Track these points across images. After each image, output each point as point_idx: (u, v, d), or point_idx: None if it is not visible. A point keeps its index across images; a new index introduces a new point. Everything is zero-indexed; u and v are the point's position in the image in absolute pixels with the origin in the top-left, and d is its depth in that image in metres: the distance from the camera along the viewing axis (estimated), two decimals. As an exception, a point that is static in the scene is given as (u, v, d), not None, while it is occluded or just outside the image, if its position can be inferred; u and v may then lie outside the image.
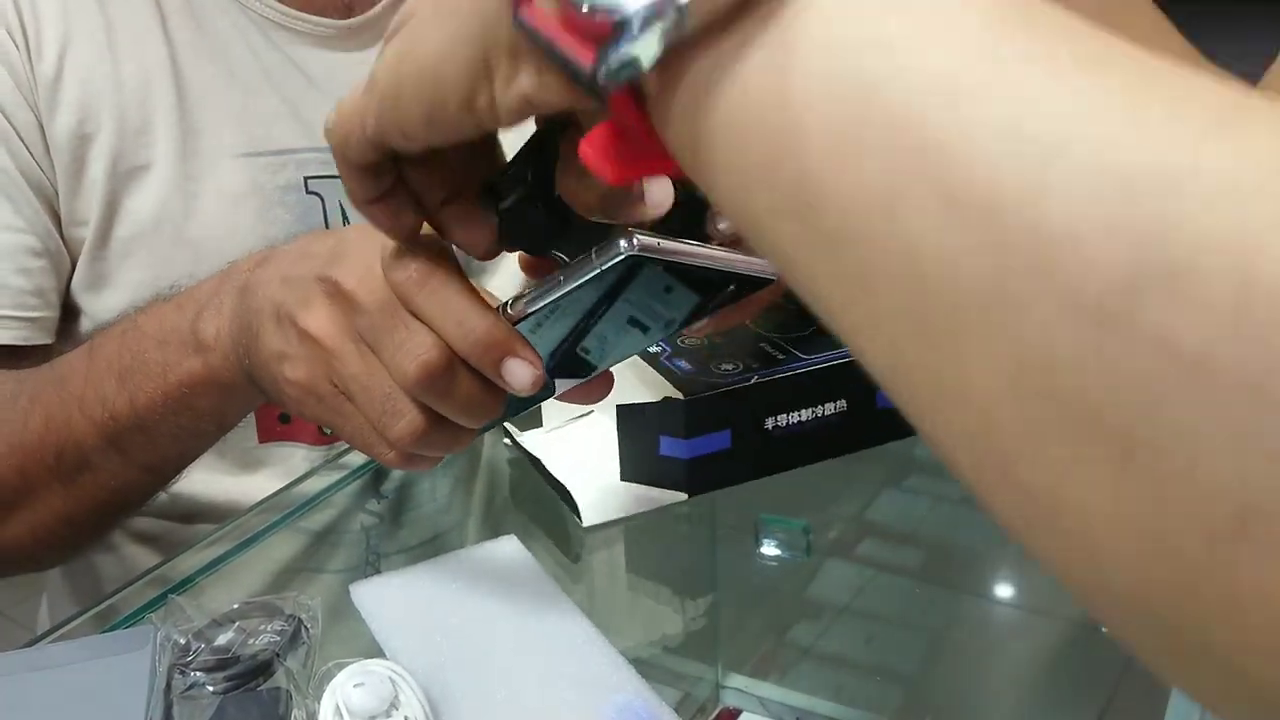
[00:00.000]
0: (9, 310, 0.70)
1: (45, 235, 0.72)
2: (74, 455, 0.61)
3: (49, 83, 0.69)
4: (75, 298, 0.76)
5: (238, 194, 0.74)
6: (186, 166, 0.73)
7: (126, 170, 0.72)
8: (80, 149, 0.71)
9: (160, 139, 0.72)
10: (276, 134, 0.75)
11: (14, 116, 0.69)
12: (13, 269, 0.70)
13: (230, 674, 0.47)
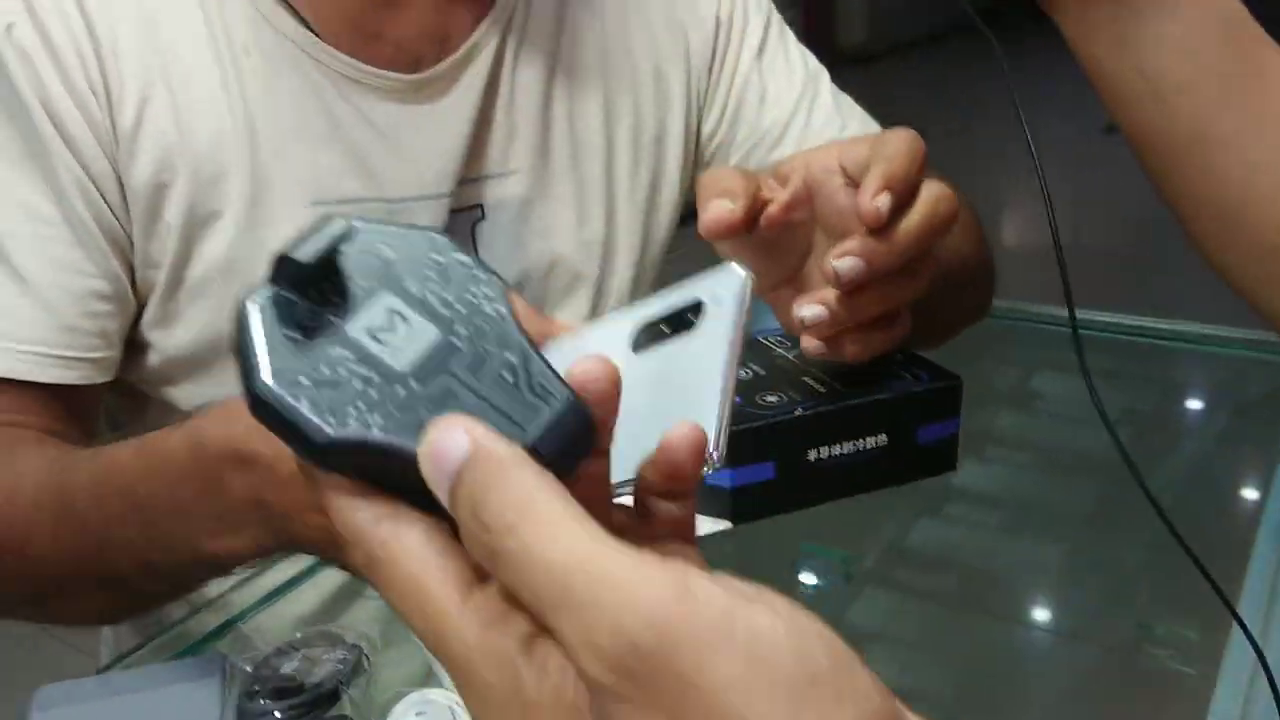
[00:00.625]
0: (75, 352, 0.72)
1: (114, 280, 0.73)
2: (112, 575, 0.61)
3: (128, 134, 0.71)
4: (145, 334, 0.78)
5: None
6: (256, 214, 0.74)
7: (200, 217, 0.74)
8: (157, 197, 0.73)
9: (233, 188, 0.74)
10: (342, 184, 0.76)
11: (91, 167, 0.71)
12: (81, 312, 0.72)
13: (297, 703, 0.48)
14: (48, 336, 0.71)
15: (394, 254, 0.33)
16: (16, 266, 0.70)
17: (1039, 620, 0.86)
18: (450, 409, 0.31)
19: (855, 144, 0.56)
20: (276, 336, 0.31)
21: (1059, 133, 4.40)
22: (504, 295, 0.33)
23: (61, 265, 0.71)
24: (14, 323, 0.70)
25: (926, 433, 0.62)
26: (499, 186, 0.82)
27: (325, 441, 0.29)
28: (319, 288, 0.32)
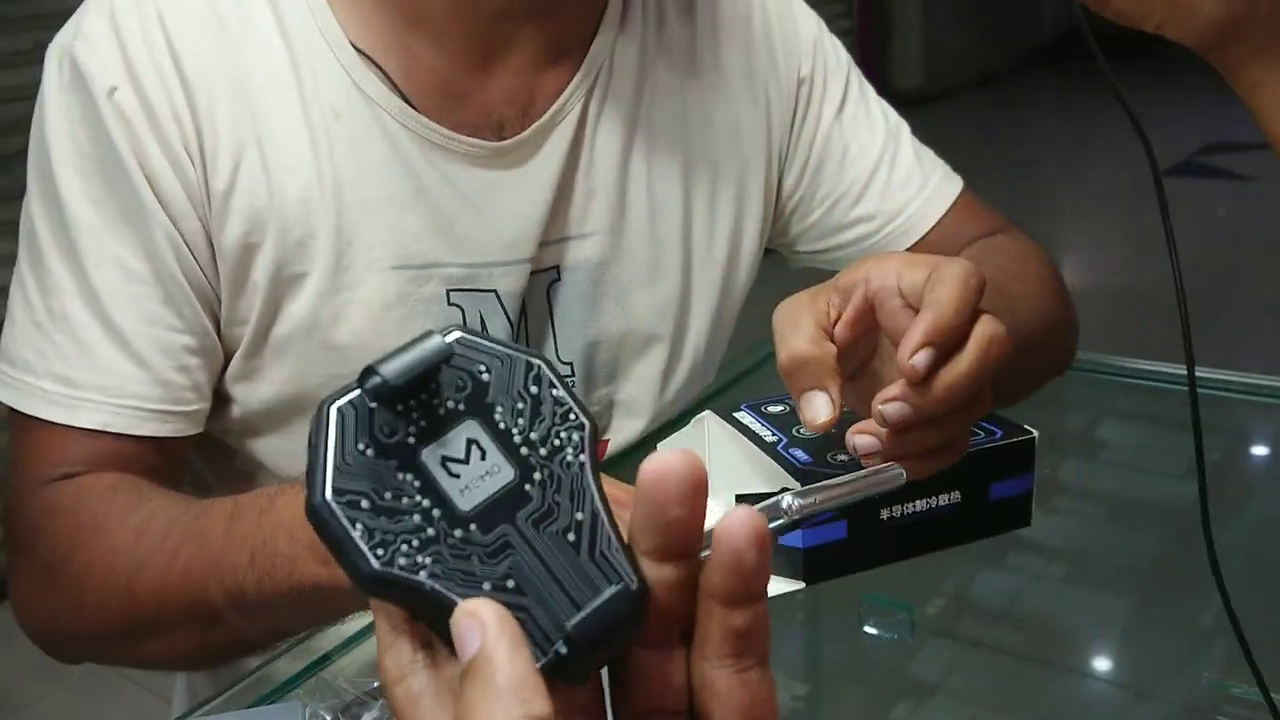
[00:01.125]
0: (168, 405, 0.74)
1: (203, 334, 0.75)
2: (205, 610, 0.64)
3: (221, 196, 0.73)
4: (228, 387, 0.79)
5: (385, 304, 0.76)
6: (340, 277, 0.76)
7: (286, 278, 0.75)
8: (246, 257, 0.74)
9: (319, 251, 0.75)
10: (425, 248, 0.77)
11: (183, 226, 0.73)
12: (174, 367, 0.74)
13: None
14: (144, 391, 0.72)
15: (490, 377, 0.33)
16: (114, 323, 0.72)
17: (1108, 676, 0.85)
18: (504, 564, 0.30)
19: (914, 266, 0.57)
20: (349, 448, 0.30)
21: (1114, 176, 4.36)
22: (592, 442, 0.33)
23: (153, 321, 0.72)
24: (113, 378, 0.72)
25: (1000, 489, 0.62)
26: (576, 249, 0.82)
27: (370, 574, 0.29)
28: (405, 401, 0.31)
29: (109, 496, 0.70)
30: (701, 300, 0.89)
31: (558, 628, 0.30)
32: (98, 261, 0.71)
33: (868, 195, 0.91)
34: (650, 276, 0.85)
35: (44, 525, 0.71)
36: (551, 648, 0.30)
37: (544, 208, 0.79)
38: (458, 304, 0.78)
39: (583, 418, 0.33)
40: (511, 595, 0.30)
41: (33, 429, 0.73)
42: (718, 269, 0.89)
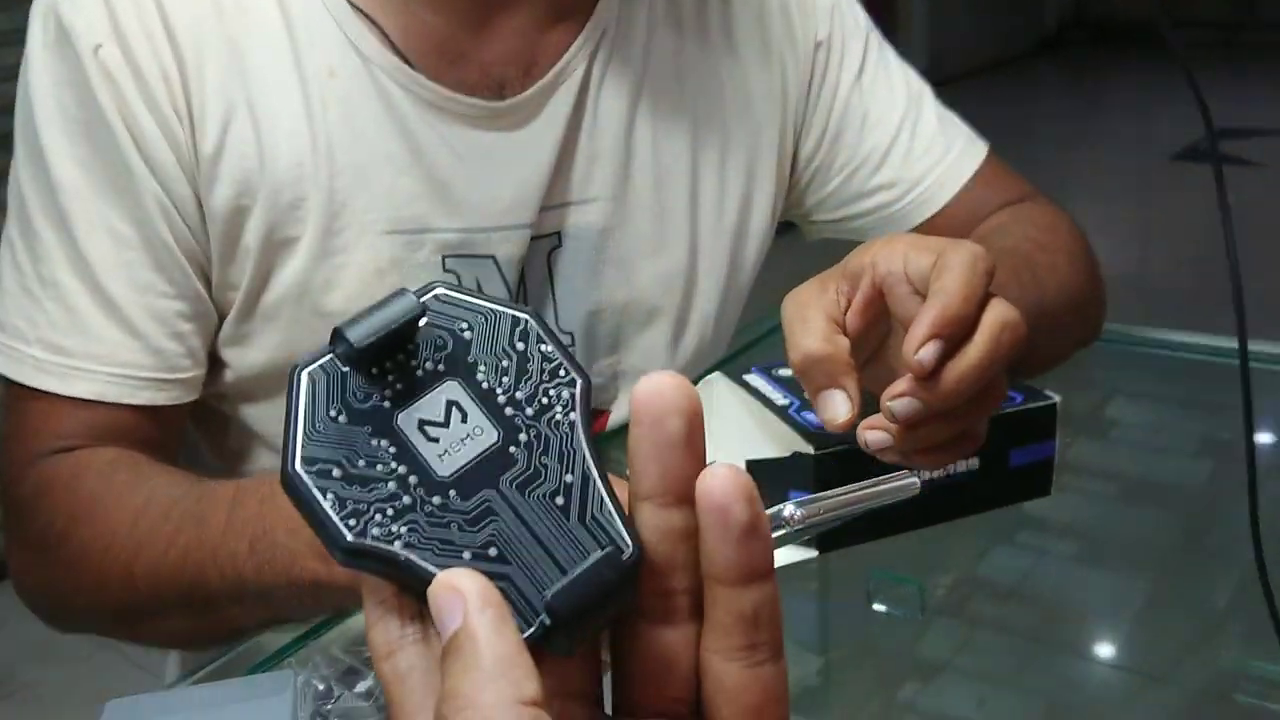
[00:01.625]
0: (163, 373, 0.73)
1: (195, 300, 0.74)
2: (202, 596, 0.63)
3: (210, 158, 0.71)
4: (220, 351, 0.78)
5: (379, 269, 0.75)
6: (331, 241, 0.74)
7: (278, 242, 0.74)
8: (236, 220, 0.73)
9: (310, 214, 0.73)
10: (420, 212, 0.76)
11: (173, 191, 0.71)
12: (166, 334, 0.73)
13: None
14: (138, 359, 0.71)
15: (472, 335, 0.31)
16: (106, 291, 0.70)
17: (1121, 658, 0.83)
18: (486, 531, 0.28)
19: (920, 250, 0.55)
20: (320, 414, 0.29)
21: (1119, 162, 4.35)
22: (584, 400, 0.31)
23: (145, 288, 0.71)
24: (105, 347, 0.70)
25: (1020, 455, 0.60)
26: (578, 214, 0.80)
27: (342, 546, 0.28)
28: (380, 363, 0.29)
29: (107, 473, 0.68)
30: (709, 271, 0.87)
31: (539, 595, 0.28)
32: (87, 228, 0.70)
33: (888, 162, 0.89)
34: (655, 245, 0.83)
35: (40, 500, 0.70)
36: (537, 619, 0.28)
37: (545, 171, 0.77)
38: (454, 270, 0.76)
39: (574, 374, 0.31)
40: (494, 564, 0.28)
41: (26, 399, 0.71)
42: (726, 239, 0.87)
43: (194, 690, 0.54)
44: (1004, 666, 0.83)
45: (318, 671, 0.51)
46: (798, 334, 0.56)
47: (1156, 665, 0.81)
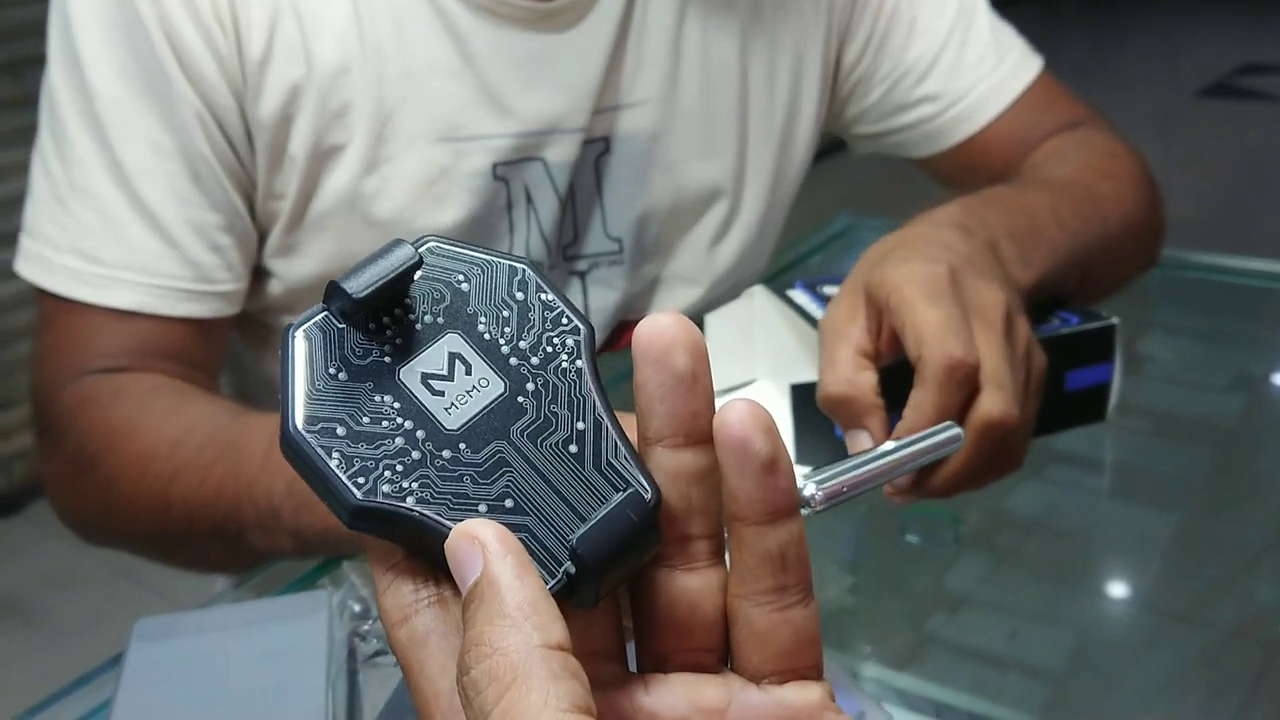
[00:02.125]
0: (202, 285, 0.72)
1: (233, 213, 0.73)
2: (234, 528, 0.62)
3: (256, 65, 0.70)
4: (268, 263, 0.77)
5: (428, 178, 0.74)
6: (380, 150, 0.73)
7: (325, 150, 0.73)
8: (282, 129, 0.72)
9: (357, 121, 0.72)
10: (470, 119, 0.74)
11: (213, 102, 0.70)
12: (204, 245, 0.71)
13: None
14: (176, 270, 0.70)
15: (470, 286, 0.29)
16: (143, 200, 0.69)
17: (1150, 597, 0.83)
18: (500, 483, 0.27)
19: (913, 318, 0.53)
20: (319, 372, 0.27)
21: (1151, 96, 4.28)
22: (589, 347, 0.29)
23: (184, 199, 0.70)
24: (143, 257, 0.69)
25: (1076, 378, 0.59)
26: (627, 118, 0.79)
27: (352, 506, 0.26)
28: (377, 318, 0.28)
29: (148, 399, 0.68)
30: (755, 177, 0.85)
31: (565, 544, 0.27)
32: (125, 136, 0.68)
33: (933, 73, 0.86)
34: (703, 150, 0.82)
35: (77, 417, 0.69)
36: (560, 568, 0.27)
37: (597, 73, 0.75)
38: (504, 178, 0.75)
39: (576, 321, 0.30)
40: (511, 515, 0.27)
41: (64, 312, 0.70)
42: (773, 145, 0.85)
43: (226, 609, 0.54)
44: (1033, 601, 0.83)
45: (353, 592, 0.50)
46: (824, 371, 0.56)
47: (1185, 605, 0.80)
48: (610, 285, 0.83)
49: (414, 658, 0.27)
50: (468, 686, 0.24)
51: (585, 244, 0.81)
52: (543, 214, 0.77)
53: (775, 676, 0.28)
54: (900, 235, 0.60)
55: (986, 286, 0.55)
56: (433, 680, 0.26)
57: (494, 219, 0.77)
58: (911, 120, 0.89)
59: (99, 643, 0.66)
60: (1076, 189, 0.74)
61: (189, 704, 0.46)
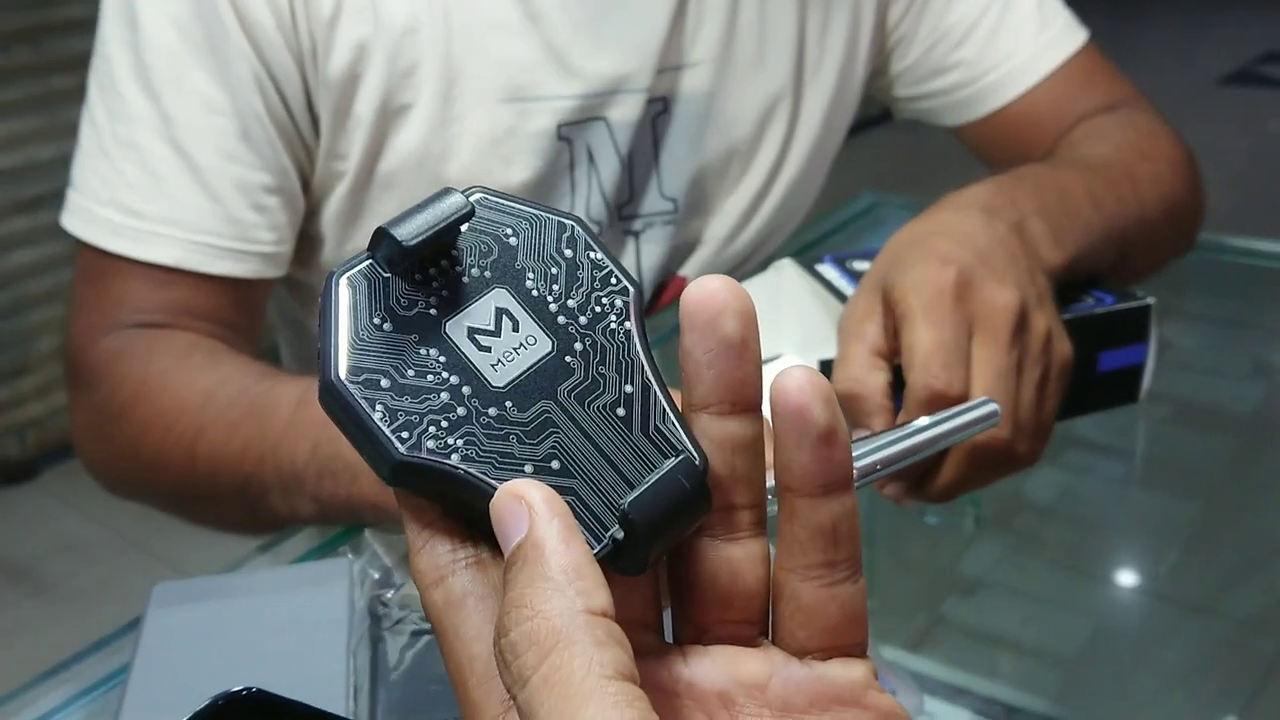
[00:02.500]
0: (243, 244, 0.71)
1: (281, 174, 0.72)
2: (257, 489, 0.62)
3: (325, 24, 0.69)
4: (326, 229, 0.77)
5: (494, 138, 0.74)
6: (448, 109, 0.73)
7: (394, 109, 0.72)
8: (350, 88, 0.71)
9: (426, 80, 0.72)
10: (536, 79, 0.74)
11: (271, 60, 0.69)
12: (248, 204, 0.71)
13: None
14: (218, 227, 0.70)
15: (518, 241, 0.28)
16: (189, 154, 0.69)
17: (1166, 587, 0.82)
18: (547, 443, 0.26)
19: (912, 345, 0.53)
20: (364, 322, 0.26)
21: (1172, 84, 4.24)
22: (638, 308, 0.29)
23: (231, 156, 0.69)
24: (185, 212, 0.69)
25: (1110, 359, 0.58)
26: (687, 78, 0.79)
27: (394, 461, 0.25)
28: (423, 269, 0.27)
29: (182, 354, 0.68)
30: (802, 139, 0.85)
31: (612, 509, 0.26)
32: (176, 89, 0.68)
33: (972, 38, 0.85)
34: (757, 111, 0.82)
35: (110, 367, 0.69)
36: (607, 533, 0.26)
37: (660, 33, 0.75)
38: (567, 138, 0.75)
39: (625, 282, 0.29)
40: (557, 477, 0.26)
41: (102, 265, 0.70)
42: (822, 105, 0.85)
43: (246, 576, 0.54)
44: (1049, 586, 0.82)
45: (375, 560, 0.50)
46: (836, 368, 0.56)
47: (1201, 595, 0.80)
48: (660, 243, 0.83)
49: (449, 620, 0.26)
50: (506, 650, 0.24)
51: (641, 204, 0.81)
52: (604, 174, 0.78)
53: (819, 653, 0.28)
54: (921, 224, 0.59)
55: (998, 288, 0.54)
56: (468, 644, 0.26)
57: (556, 178, 0.77)
58: (945, 85, 0.88)
59: (109, 612, 0.66)
60: (1114, 169, 0.73)
61: (208, 669, 0.46)
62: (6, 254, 2.28)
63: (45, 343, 2.35)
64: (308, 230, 0.77)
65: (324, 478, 0.58)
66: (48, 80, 2.22)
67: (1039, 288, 0.56)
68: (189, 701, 0.36)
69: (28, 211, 2.26)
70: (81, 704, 0.51)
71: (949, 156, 0.96)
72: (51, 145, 2.23)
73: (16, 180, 2.24)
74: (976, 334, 0.53)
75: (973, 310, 0.53)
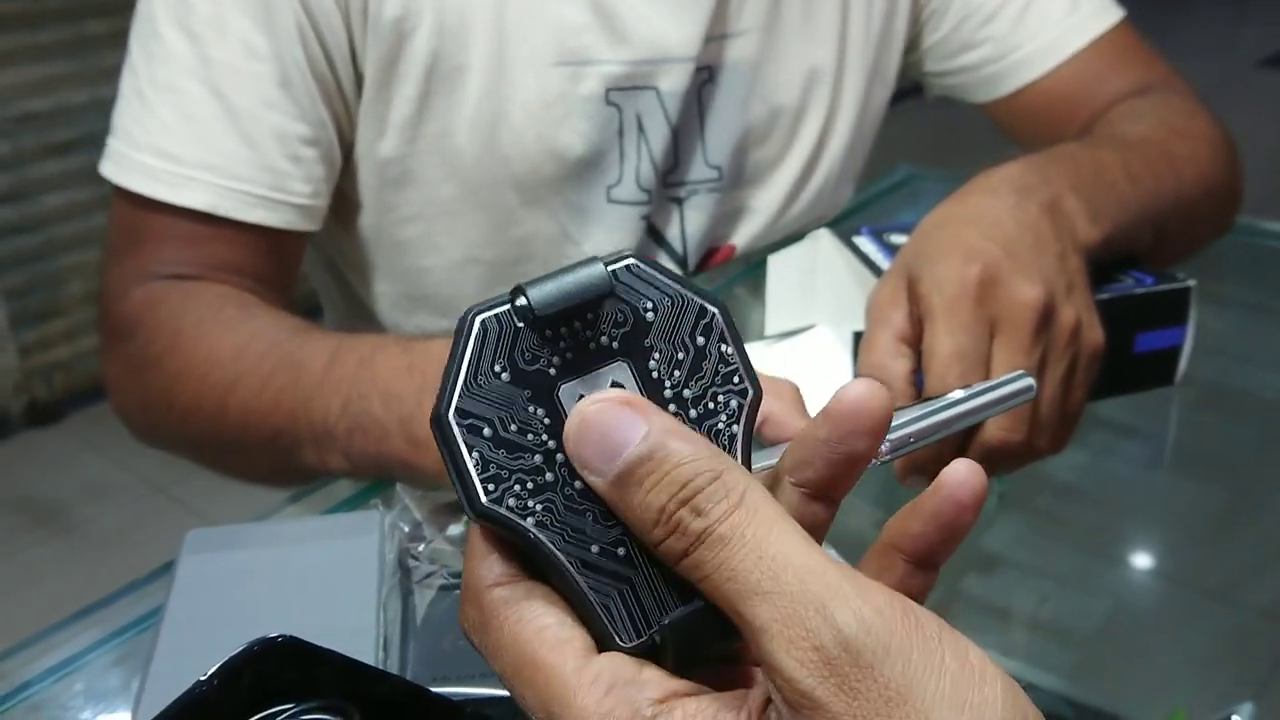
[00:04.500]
0: (280, 194, 0.71)
1: (319, 126, 0.72)
2: (287, 442, 0.62)
3: None
4: (364, 191, 0.77)
5: (546, 101, 0.74)
6: (501, 73, 0.73)
7: (445, 70, 0.72)
8: (399, 45, 0.71)
9: (477, 42, 0.72)
10: (586, 43, 0.74)
11: (316, 10, 0.69)
12: (285, 154, 0.71)
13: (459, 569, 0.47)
14: (252, 174, 0.70)
15: (654, 317, 0.29)
16: (228, 99, 0.69)
17: (1186, 573, 0.82)
18: (617, 530, 0.27)
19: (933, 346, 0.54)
20: (484, 368, 0.27)
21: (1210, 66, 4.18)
22: (751, 413, 0.29)
23: (270, 104, 0.69)
24: (221, 157, 0.69)
25: (1147, 340, 0.58)
26: (733, 47, 0.79)
27: (474, 507, 0.27)
28: (555, 327, 0.28)
29: (217, 305, 0.68)
30: (846, 109, 0.85)
31: (660, 611, 0.27)
32: (218, 34, 0.68)
33: (1002, 14, 0.85)
34: (801, 80, 0.82)
35: (145, 317, 0.69)
36: (649, 632, 0.27)
37: (711, 2, 0.75)
38: (615, 103, 0.75)
39: (747, 383, 0.29)
40: (619, 564, 0.28)
41: (138, 213, 0.70)
42: (863, 77, 0.85)
43: (278, 525, 0.54)
44: (1068, 566, 0.82)
45: (406, 514, 0.51)
46: (861, 353, 0.56)
47: (1219, 582, 0.79)
48: (705, 211, 0.83)
49: (509, 609, 0.27)
50: (691, 506, 0.25)
51: (686, 171, 0.81)
52: (654, 143, 0.78)
53: None
54: (952, 207, 0.59)
55: (1023, 284, 0.54)
56: (534, 620, 0.27)
57: (607, 145, 0.77)
58: (974, 61, 0.87)
59: (132, 556, 0.67)
60: (1150, 146, 0.73)
61: (240, 615, 0.47)
62: (38, 198, 2.29)
63: (75, 287, 2.36)
64: (345, 190, 0.77)
65: (354, 434, 0.58)
66: (81, 25, 2.22)
67: (1069, 274, 0.56)
68: (221, 646, 0.37)
69: (59, 155, 2.27)
70: (113, 645, 0.52)
71: (985, 130, 0.95)
72: (84, 89, 2.23)
73: (48, 124, 2.25)
74: (998, 334, 0.53)
75: (995, 309, 0.53)
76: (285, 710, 0.35)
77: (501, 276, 0.81)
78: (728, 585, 0.25)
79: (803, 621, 0.23)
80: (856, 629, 0.23)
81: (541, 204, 0.77)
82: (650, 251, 0.84)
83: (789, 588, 0.24)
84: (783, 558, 0.24)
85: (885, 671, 0.23)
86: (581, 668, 0.26)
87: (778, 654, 0.23)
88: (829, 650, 0.23)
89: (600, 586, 0.27)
